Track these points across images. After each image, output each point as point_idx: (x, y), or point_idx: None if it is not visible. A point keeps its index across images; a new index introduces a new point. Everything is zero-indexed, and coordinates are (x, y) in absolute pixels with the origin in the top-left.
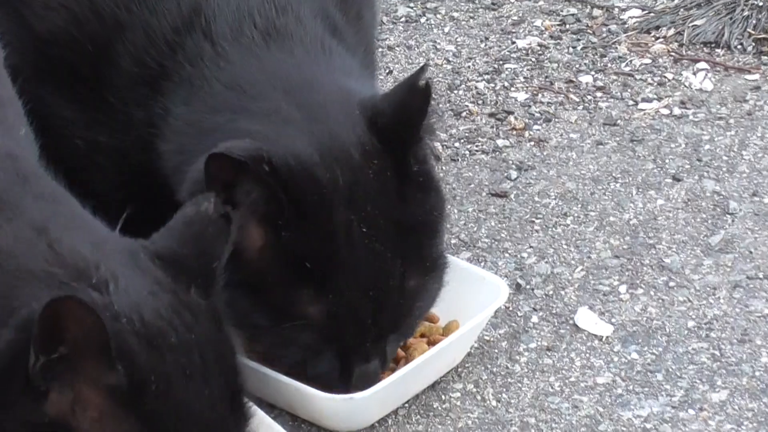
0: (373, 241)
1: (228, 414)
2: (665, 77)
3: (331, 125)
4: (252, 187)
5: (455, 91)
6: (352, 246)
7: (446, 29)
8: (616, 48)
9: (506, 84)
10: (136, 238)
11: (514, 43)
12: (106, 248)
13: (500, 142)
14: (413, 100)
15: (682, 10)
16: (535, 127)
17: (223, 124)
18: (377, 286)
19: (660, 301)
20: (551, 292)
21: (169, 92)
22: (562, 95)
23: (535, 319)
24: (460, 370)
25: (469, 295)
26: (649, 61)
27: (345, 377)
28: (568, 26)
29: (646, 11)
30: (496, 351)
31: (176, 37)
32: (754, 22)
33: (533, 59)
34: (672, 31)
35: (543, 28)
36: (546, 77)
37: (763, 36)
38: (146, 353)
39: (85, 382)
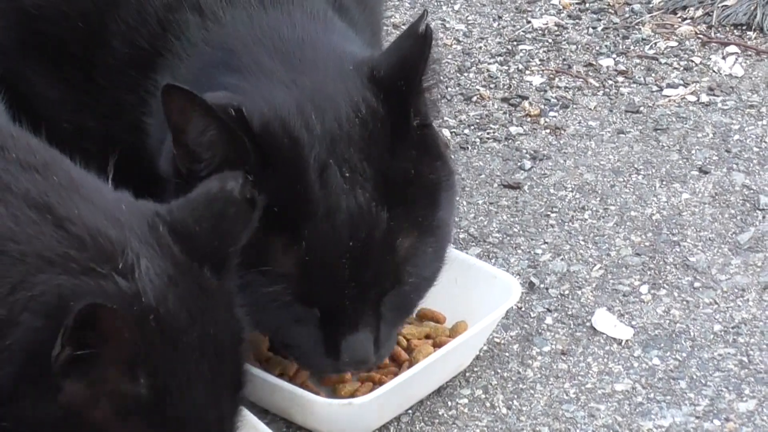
0: (356, 187)
1: (228, 411)
2: (692, 61)
3: (318, 78)
4: (205, 124)
5: (465, 74)
6: (328, 190)
7: (456, 7)
8: (640, 29)
9: (520, 67)
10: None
11: (529, 22)
12: (123, 220)
13: (513, 130)
14: (412, 48)
15: None
16: (552, 113)
17: (206, 81)
18: (357, 235)
19: (684, 302)
20: (567, 292)
21: (160, 70)
22: (581, 80)
23: (549, 320)
24: (468, 374)
25: (479, 294)
26: (675, 43)
27: (332, 350)
28: (587, 5)
29: None
30: (507, 354)
31: (167, 13)
32: None
33: (550, 40)
34: (700, 12)
35: (561, 7)
36: (563, 60)
37: None
38: (169, 358)
39: (103, 384)
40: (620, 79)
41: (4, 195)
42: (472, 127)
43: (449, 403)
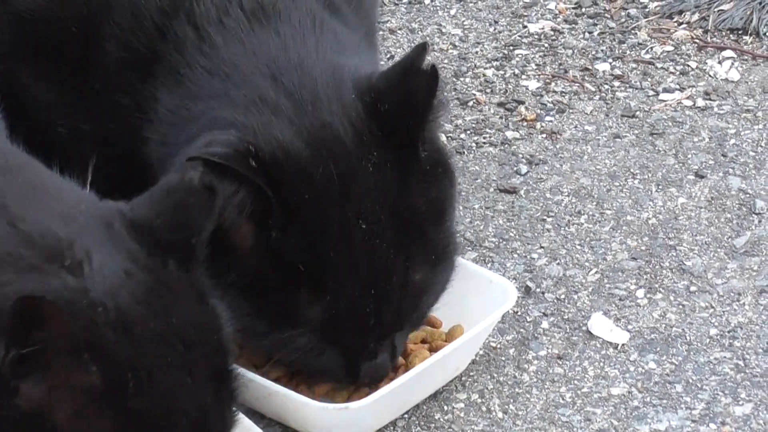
0: (373, 236)
1: (211, 402)
2: (688, 66)
3: (323, 114)
4: (236, 186)
5: (461, 79)
6: (349, 243)
7: (452, 11)
8: (636, 34)
9: (517, 71)
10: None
11: (525, 27)
12: (78, 219)
13: (510, 134)
14: (418, 86)
15: None
16: (548, 118)
17: (205, 113)
18: (379, 284)
19: (680, 306)
20: (563, 296)
21: (159, 78)
22: (577, 84)
23: (545, 324)
24: (464, 378)
25: (475, 299)
26: (671, 48)
27: (352, 374)
28: (584, 9)
29: None
30: (503, 359)
31: (164, 19)
32: None
33: (546, 45)
34: (696, 17)
35: (557, 12)
36: (560, 64)
37: None
38: (124, 348)
39: (58, 379)
40: (616, 83)
41: None
42: (469, 132)
43: (445, 407)
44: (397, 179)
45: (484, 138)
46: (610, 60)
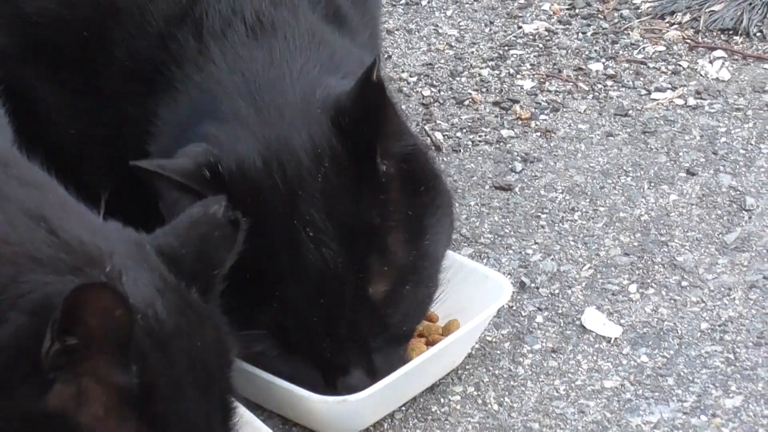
0: (321, 246)
1: (219, 429)
2: (680, 65)
3: (283, 128)
4: (177, 193)
5: (458, 78)
6: (296, 253)
7: (449, 12)
8: (629, 34)
9: (512, 71)
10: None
11: (520, 27)
12: (111, 236)
13: (505, 133)
14: (368, 97)
15: None
16: (542, 116)
17: (194, 128)
18: (328, 293)
19: (672, 301)
20: (557, 291)
21: (160, 92)
22: (571, 83)
23: (539, 319)
24: (460, 372)
25: (471, 294)
26: (663, 48)
27: (330, 386)
28: (577, 10)
29: None
30: (499, 352)
31: (168, 27)
32: None
33: (540, 45)
34: (687, 17)
35: (551, 12)
36: (554, 64)
37: None
38: (158, 355)
39: (95, 376)
40: (609, 83)
41: (3, 204)
42: (465, 130)
43: (442, 400)
44: (350, 191)
45: (480, 136)
46: (603, 60)
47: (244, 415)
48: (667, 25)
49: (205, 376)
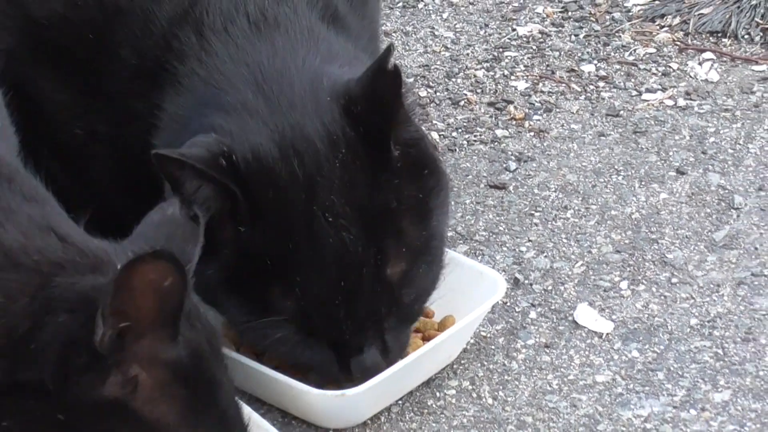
0: (340, 231)
1: (236, 408)
2: (670, 67)
3: (296, 116)
4: (198, 182)
5: (453, 79)
6: (315, 238)
7: (445, 15)
8: (620, 36)
9: (506, 72)
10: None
11: (514, 30)
12: (102, 244)
13: (499, 132)
14: (385, 86)
15: None
16: (536, 117)
17: (198, 119)
18: (348, 276)
19: (662, 297)
20: (550, 288)
21: (165, 87)
22: (564, 84)
23: (533, 315)
24: (455, 366)
25: (466, 290)
26: (653, 50)
27: (344, 368)
28: (570, 13)
29: None
30: (493, 347)
31: (171, 28)
32: (762, 11)
33: (534, 47)
34: (677, 20)
35: (544, 15)
36: (547, 66)
37: None
38: (190, 330)
39: (146, 358)
40: (601, 84)
41: (11, 217)
42: (460, 130)
43: (437, 394)
44: (367, 176)
45: (475, 136)
46: (595, 61)
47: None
48: (658, 27)
49: (213, 342)
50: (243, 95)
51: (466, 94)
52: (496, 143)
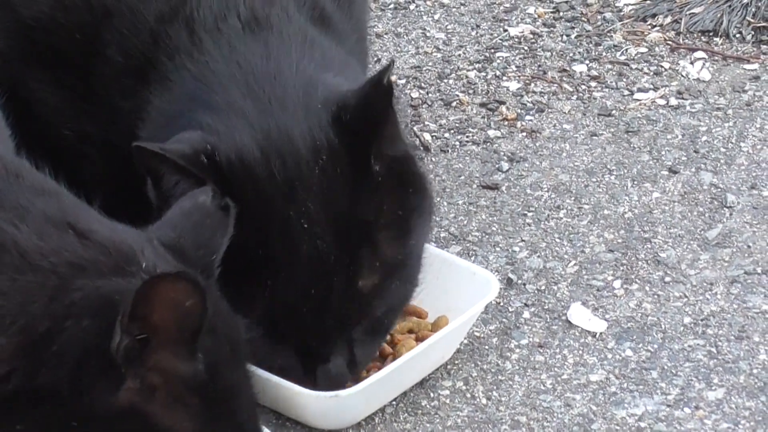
0: (315, 238)
1: (252, 399)
2: (662, 66)
3: (283, 119)
4: (177, 177)
5: (445, 80)
6: (290, 243)
7: (436, 16)
8: (612, 36)
9: (498, 73)
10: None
11: (506, 30)
12: (130, 234)
13: (491, 133)
14: (376, 98)
15: None
16: (528, 117)
17: (187, 116)
18: (319, 285)
19: (655, 296)
20: (543, 287)
21: (153, 83)
22: (556, 85)
23: (526, 314)
24: (449, 367)
25: (459, 290)
26: (645, 49)
27: (310, 375)
28: (561, 14)
29: None
30: (487, 347)
31: (159, 25)
32: (753, 10)
33: (526, 47)
34: (669, 19)
35: (536, 16)
36: (539, 66)
37: (763, 24)
38: (211, 338)
39: (161, 368)
40: (593, 84)
41: (25, 216)
42: (452, 131)
43: (431, 394)
44: (346, 186)
45: (467, 137)
46: (587, 61)
47: None
48: (649, 27)
49: (236, 351)
50: (232, 95)
51: (458, 95)
52: (488, 144)
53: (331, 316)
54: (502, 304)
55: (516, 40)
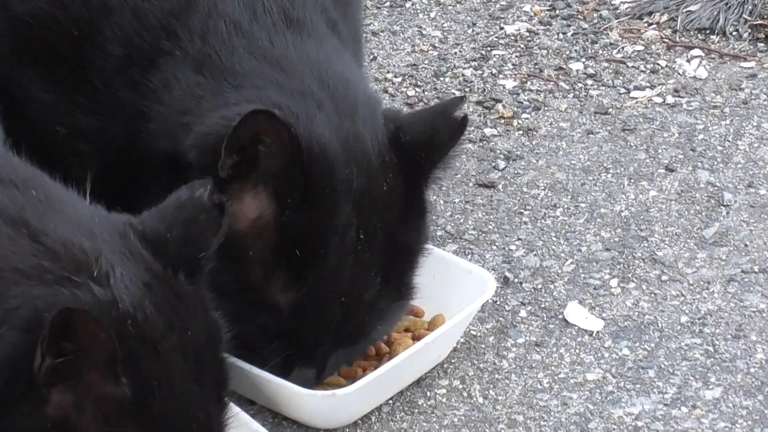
0: (366, 250)
1: (215, 410)
2: (658, 64)
3: (359, 126)
4: (278, 155)
5: (441, 79)
6: (343, 248)
7: (432, 14)
8: (608, 34)
9: (494, 71)
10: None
11: (502, 28)
12: (95, 231)
13: (488, 131)
14: (444, 129)
15: None
16: (524, 115)
17: (248, 88)
18: (352, 294)
19: (652, 295)
20: (540, 286)
21: (169, 69)
22: (552, 83)
23: (523, 313)
24: (446, 365)
25: (456, 289)
26: (641, 47)
27: (284, 371)
28: (558, 11)
29: None
30: (483, 346)
31: (173, 19)
32: (750, 7)
33: (522, 45)
34: (665, 17)
35: (532, 14)
36: (535, 64)
37: (760, 22)
38: (151, 360)
39: (89, 388)
40: (589, 82)
41: None
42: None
43: (428, 393)
44: (400, 209)
45: (464, 135)
46: (584, 59)
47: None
48: (646, 25)
49: (197, 364)
50: (308, 85)
51: (454, 93)
52: (484, 142)
53: (349, 328)
54: (498, 302)
55: (512, 38)
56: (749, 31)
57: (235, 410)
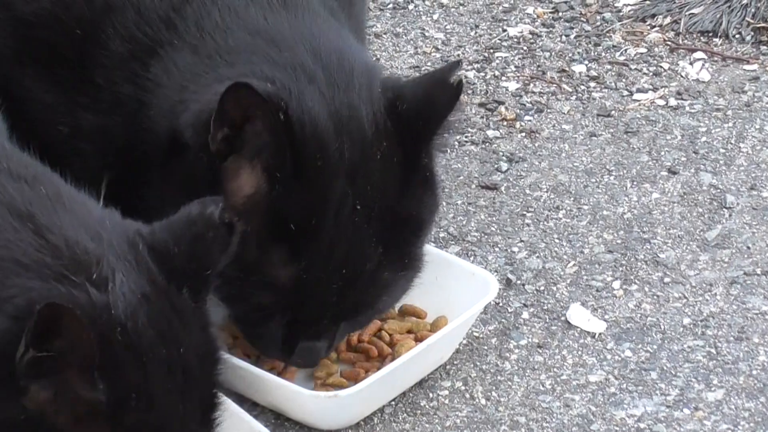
0: (363, 221)
1: (197, 428)
2: (661, 67)
3: (352, 97)
4: (263, 130)
5: None
6: (340, 220)
7: (435, 16)
8: (611, 37)
9: (497, 73)
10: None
11: (505, 31)
12: (103, 235)
13: (490, 133)
14: (441, 95)
15: None
16: (527, 117)
17: (242, 64)
18: (352, 266)
19: (655, 297)
20: (542, 288)
21: (168, 57)
22: (555, 85)
23: (525, 315)
24: (448, 367)
25: (458, 291)
26: (644, 50)
27: (287, 349)
28: (561, 14)
29: None
30: (486, 348)
31: (173, 13)
32: (753, 10)
33: (525, 48)
34: (668, 20)
35: (535, 16)
36: (538, 66)
37: (762, 25)
38: (133, 371)
39: (67, 386)
40: (592, 84)
41: None
42: (451, 131)
43: (430, 394)
44: (399, 177)
45: (466, 137)
46: (586, 62)
47: (234, 411)
48: (649, 27)
49: (185, 380)
50: (301, 59)
51: None
52: (487, 144)
53: (351, 300)
54: (501, 304)
55: (515, 40)
56: (752, 33)
57: (238, 412)
